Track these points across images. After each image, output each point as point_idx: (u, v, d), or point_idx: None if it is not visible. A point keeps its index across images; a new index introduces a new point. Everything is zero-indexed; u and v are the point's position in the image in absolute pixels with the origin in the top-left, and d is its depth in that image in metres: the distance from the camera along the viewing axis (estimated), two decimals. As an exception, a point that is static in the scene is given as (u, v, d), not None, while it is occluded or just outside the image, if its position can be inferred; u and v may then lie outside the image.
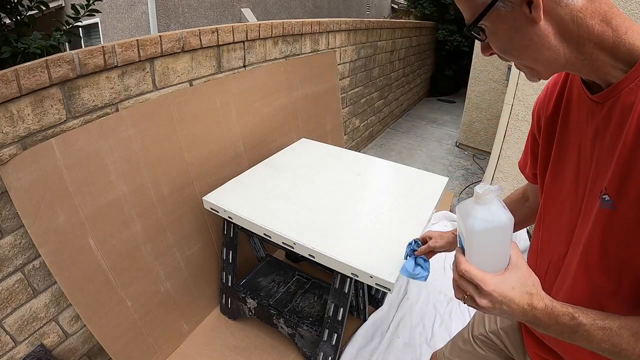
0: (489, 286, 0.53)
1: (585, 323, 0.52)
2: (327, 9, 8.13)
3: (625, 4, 1.67)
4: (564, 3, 0.49)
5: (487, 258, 0.56)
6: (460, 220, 0.58)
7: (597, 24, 0.50)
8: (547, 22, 0.50)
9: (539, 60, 0.54)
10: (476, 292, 0.55)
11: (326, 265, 1.30)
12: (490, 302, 0.54)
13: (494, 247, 0.56)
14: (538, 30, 0.51)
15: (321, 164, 1.87)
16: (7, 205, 1.13)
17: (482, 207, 0.54)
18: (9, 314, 1.20)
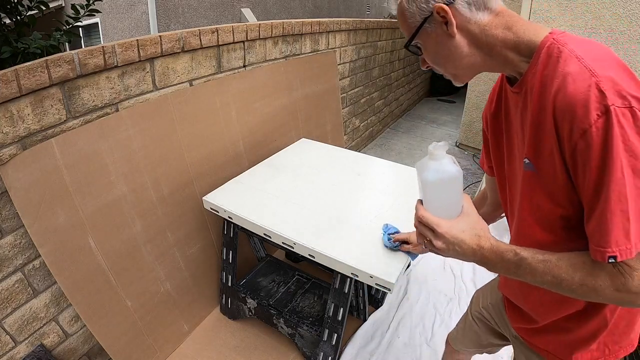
0: (442, 229, 0.64)
1: (526, 257, 0.60)
2: (327, 9, 8.13)
3: (625, 4, 1.67)
4: (473, 20, 0.63)
5: (440, 206, 0.66)
6: (418, 175, 0.67)
7: (501, 32, 0.63)
8: (461, 36, 0.64)
9: (459, 66, 0.68)
10: (432, 235, 0.65)
11: (326, 265, 1.30)
12: (444, 244, 0.64)
13: (445, 196, 0.66)
14: (455, 43, 0.65)
15: (321, 164, 1.87)
16: (7, 205, 1.13)
17: (435, 162, 0.64)
18: (9, 314, 1.20)
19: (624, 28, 1.70)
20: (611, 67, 0.54)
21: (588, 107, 0.51)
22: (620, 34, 1.71)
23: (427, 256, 2.32)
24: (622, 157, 0.50)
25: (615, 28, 1.72)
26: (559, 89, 0.54)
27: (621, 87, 0.51)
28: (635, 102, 0.51)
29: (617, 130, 0.50)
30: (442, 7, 0.62)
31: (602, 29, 1.75)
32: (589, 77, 0.52)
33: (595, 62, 0.53)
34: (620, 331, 0.73)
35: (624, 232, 0.51)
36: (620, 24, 1.70)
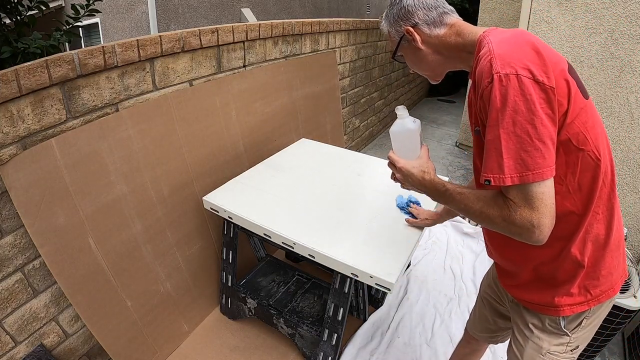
0: (399, 164, 0.94)
1: (449, 189, 0.83)
2: (327, 9, 8.12)
3: (625, 4, 1.67)
4: (433, 35, 0.87)
5: (402, 150, 0.96)
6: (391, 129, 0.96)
7: (453, 39, 0.86)
8: (426, 47, 0.89)
9: (429, 69, 0.93)
10: (394, 169, 0.96)
11: (326, 265, 1.30)
12: (401, 175, 0.94)
13: (405, 143, 0.95)
14: (423, 52, 0.90)
15: (321, 164, 1.87)
16: (7, 205, 1.13)
17: (399, 120, 0.95)
18: (9, 314, 1.20)
19: (624, 28, 1.70)
20: (510, 46, 0.70)
21: (484, 76, 0.69)
22: (620, 34, 1.71)
23: (427, 256, 2.32)
24: (498, 110, 0.67)
25: (615, 28, 1.72)
26: (477, 66, 0.74)
27: (511, 60, 0.67)
28: (523, 71, 0.66)
29: (497, 92, 0.66)
30: (408, 29, 0.88)
31: (602, 29, 1.75)
32: (487, 56, 0.70)
33: (499, 44, 0.71)
34: (600, 275, 0.82)
35: (498, 165, 0.67)
36: (620, 24, 1.70)
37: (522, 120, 0.65)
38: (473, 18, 5.47)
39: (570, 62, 0.76)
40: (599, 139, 0.74)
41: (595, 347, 1.69)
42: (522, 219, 0.67)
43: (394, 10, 0.90)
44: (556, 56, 0.72)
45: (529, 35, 0.74)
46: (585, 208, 0.76)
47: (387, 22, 0.93)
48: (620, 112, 1.82)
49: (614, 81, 1.79)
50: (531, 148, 0.65)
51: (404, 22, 0.88)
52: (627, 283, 1.63)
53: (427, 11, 0.87)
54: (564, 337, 0.88)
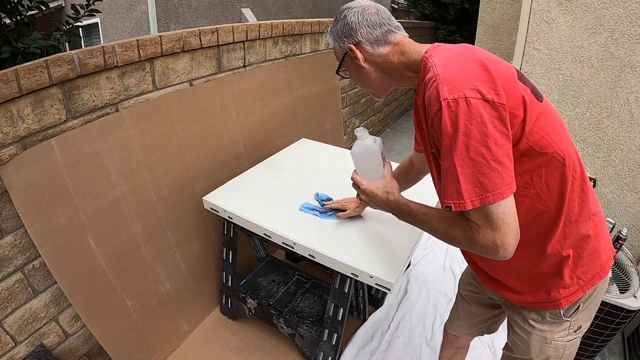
0: (363, 186, 0.97)
1: (414, 209, 0.85)
2: (327, 9, 8.12)
3: (625, 4, 1.67)
4: (376, 53, 0.86)
5: (364, 171, 0.98)
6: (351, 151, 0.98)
7: (397, 58, 0.85)
8: (369, 65, 0.88)
9: (373, 86, 0.93)
10: (359, 190, 0.98)
11: (326, 265, 1.30)
12: (366, 197, 0.97)
13: (367, 164, 0.97)
14: (366, 70, 0.89)
15: (321, 164, 1.87)
16: (7, 205, 1.13)
17: (359, 141, 0.96)
18: (9, 314, 1.20)
19: (624, 28, 1.70)
20: (455, 67, 0.69)
21: (432, 103, 0.68)
22: (620, 34, 1.71)
23: (427, 256, 2.32)
24: (450, 136, 0.66)
25: (615, 28, 1.72)
26: (424, 93, 0.72)
27: (458, 83, 0.66)
28: (471, 92, 0.65)
29: (446, 119, 0.66)
30: (351, 47, 0.87)
31: (602, 29, 1.74)
32: (434, 81, 0.69)
33: (444, 66, 0.70)
34: (586, 261, 0.83)
35: (457, 191, 0.67)
36: (620, 24, 1.70)
37: (476, 144, 0.64)
38: (473, 18, 5.47)
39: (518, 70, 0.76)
40: (561, 138, 0.74)
41: (595, 347, 1.69)
42: (485, 240, 0.67)
43: (337, 26, 0.89)
44: (504, 67, 0.72)
45: (474, 50, 0.74)
46: (558, 205, 0.77)
47: (332, 37, 0.92)
48: (620, 112, 1.82)
49: (614, 81, 1.79)
50: (488, 170, 0.65)
51: (347, 39, 0.87)
52: (627, 283, 1.63)
53: (370, 29, 0.85)
54: (565, 323, 0.89)
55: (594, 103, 1.87)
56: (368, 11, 0.86)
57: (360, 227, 1.41)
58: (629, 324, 1.76)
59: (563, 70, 1.90)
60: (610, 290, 1.58)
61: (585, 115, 1.91)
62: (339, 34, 0.89)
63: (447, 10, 6.48)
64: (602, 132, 1.89)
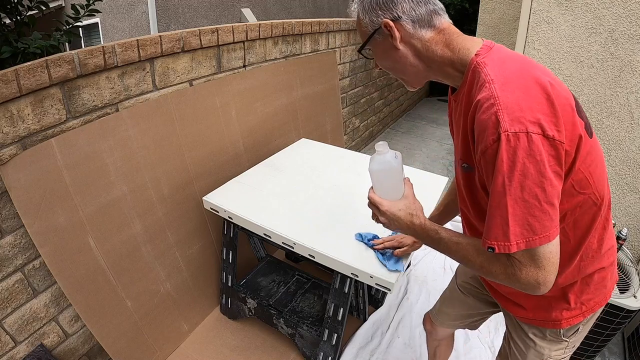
0: (384, 207, 0.83)
1: (444, 237, 0.76)
2: (327, 9, 8.12)
3: (625, 4, 1.67)
4: (417, 36, 0.73)
5: (384, 189, 0.85)
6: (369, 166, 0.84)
7: (440, 49, 0.73)
8: (406, 48, 0.75)
9: (405, 73, 0.79)
10: (378, 212, 0.85)
11: (326, 265, 1.30)
12: (386, 219, 0.84)
13: (387, 182, 0.84)
14: (400, 53, 0.75)
15: (321, 164, 1.87)
16: (7, 205, 1.13)
17: (379, 156, 0.83)
18: (9, 314, 1.20)
19: (624, 28, 1.70)
20: (518, 92, 0.62)
21: (487, 133, 0.61)
22: (620, 34, 1.71)
23: (427, 256, 2.32)
24: (504, 174, 0.60)
25: (615, 28, 1.72)
26: (474, 114, 0.65)
27: (521, 114, 0.59)
28: (533, 127, 0.59)
29: (504, 154, 0.59)
30: (388, 23, 0.73)
31: (602, 29, 1.74)
32: (492, 105, 0.61)
33: (504, 87, 0.62)
34: (593, 289, 0.83)
35: (503, 233, 0.62)
36: (620, 24, 1.70)
37: (531, 184, 0.60)
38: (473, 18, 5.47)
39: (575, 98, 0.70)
40: (601, 178, 0.72)
41: (595, 347, 1.69)
42: (527, 277, 0.64)
43: None
44: (565, 96, 0.65)
45: (535, 68, 0.67)
46: (579, 241, 0.76)
47: (361, 7, 0.76)
48: (620, 112, 1.82)
49: (614, 81, 1.79)
50: (539, 212, 0.60)
51: (384, 12, 0.73)
52: (627, 283, 1.63)
53: (414, 5, 0.72)
54: (563, 343, 0.89)
55: (594, 103, 1.87)
56: None
57: (360, 227, 1.41)
58: (629, 324, 1.76)
59: (563, 70, 1.90)
60: (610, 290, 1.58)
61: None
62: (372, 4, 0.74)
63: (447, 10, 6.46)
64: (602, 132, 1.89)
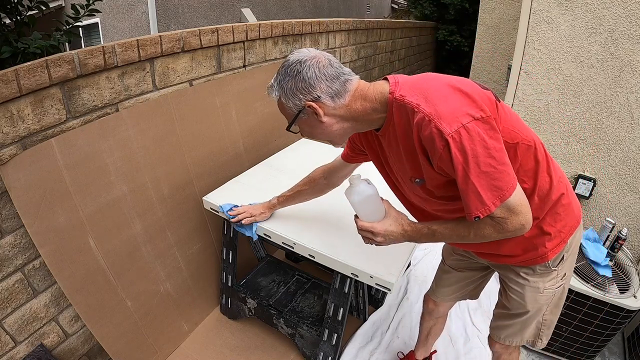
0: (377, 229, 0.93)
1: (436, 228, 0.87)
2: (327, 9, 8.12)
3: (625, 4, 1.67)
4: (337, 106, 0.85)
5: (368, 214, 0.95)
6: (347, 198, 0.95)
7: (360, 105, 0.85)
8: (330, 118, 0.86)
9: (331, 136, 0.91)
10: (372, 235, 0.94)
11: (326, 265, 1.30)
12: (382, 238, 0.93)
13: (370, 207, 0.95)
14: (325, 124, 0.87)
15: (321, 164, 1.87)
16: (7, 205, 1.13)
17: (356, 188, 0.93)
18: (9, 314, 1.20)
19: (624, 28, 1.70)
20: (438, 99, 0.74)
21: (435, 142, 0.73)
22: (620, 34, 1.71)
23: (427, 256, 2.32)
24: (462, 163, 0.72)
25: (615, 28, 1.72)
26: (418, 134, 0.76)
27: (451, 114, 0.72)
28: (464, 118, 0.72)
29: (455, 151, 0.72)
30: (311, 105, 0.83)
31: (602, 29, 1.74)
32: (428, 121, 0.73)
33: (427, 102, 0.75)
34: (563, 215, 0.95)
35: (479, 201, 0.74)
36: (620, 24, 1.70)
37: (483, 159, 0.72)
38: (473, 18, 5.47)
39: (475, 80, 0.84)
40: (523, 127, 0.87)
41: (595, 347, 1.69)
42: (513, 225, 0.77)
43: (290, 81, 0.84)
44: (468, 83, 0.79)
45: (438, 78, 0.81)
46: (534, 181, 0.89)
47: (282, 93, 0.86)
48: (620, 112, 1.82)
49: (614, 81, 1.79)
50: (498, 174, 0.73)
51: (304, 95, 0.83)
52: (627, 283, 1.63)
53: (330, 83, 0.83)
54: (553, 272, 1.01)
55: (594, 103, 1.87)
56: (322, 63, 0.83)
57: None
58: (629, 324, 1.76)
59: (563, 70, 1.90)
60: (610, 290, 1.59)
61: (585, 115, 1.91)
62: (292, 90, 0.84)
63: (447, 10, 6.48)
64: (602, 132, 1.89)
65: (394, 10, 11.72)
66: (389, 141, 0.89)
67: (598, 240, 1.75)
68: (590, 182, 1.96)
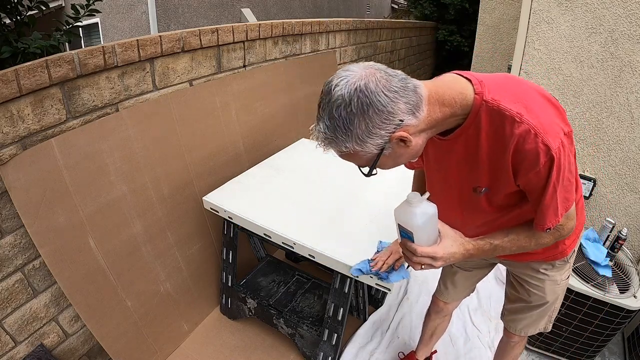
0: (439, 254, 0.81)
1: (498, 244, 0.85)
2: (327, 9, 8.13)
3: (625, 4, 1.67)
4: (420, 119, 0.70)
5: (428, 237, 0.82)
6: (402, 220, 0.80)
7: (439, 111, 0.72)
8: (415, 136, 0.72)
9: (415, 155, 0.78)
10: (432, 261, 0.82)
11: (326, 265, 1.30)
12: (443, 262, 0.83)
13: (430, 229, 0.82)
14: (412, 145, 0.72)
15: (321, 164, 1.87)
16: (7, 205, 1.13)
17: (417, 208, 0.78)
18: (9, 314, 1.20)
19: (624, 28, 1.70)
20: (538, 110, 0.70)
21: (539, 157, 0.69)
22: (620, 34, 1.71)
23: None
24: (554, 177, 0.71)
25: (615, 28, 1.71)
26: (516, 146, 0.71)
27: (550, 129, 0.69)
28: (560, 133, 0.70)
29: (555, 166, 0.70)
30: (400, 135, 0.68)
31: (602, 29, 1.74)
32: (535, 135, 0.68)
33: (529, 114, 0.69)
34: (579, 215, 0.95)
35: (554, 214, 0.77)
36: (620, 24, 1.70)
37: (567, 174, 0.74)
38: (473, 18, 5.47)
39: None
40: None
41: (595, 347, 1.69)
42: (567, 231, 0.83)
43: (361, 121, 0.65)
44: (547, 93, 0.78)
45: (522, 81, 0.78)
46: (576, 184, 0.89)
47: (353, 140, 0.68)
48: (620, 112, 1.82)
49: (614, 81, 1.79)
50: (570, 187, 0.76)
51: (387, 127, 0.67)
52: (627, 283, 1.63)
53: (406, 98, 0.67)
54: (567, 265, 1.07)
55: (594, 103, 1.87)
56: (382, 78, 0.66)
57: (360, 227, 1.41)
58: (629, 324, 1.76)
59: (563, 70, 1.90)
60: (610, 290, 1.58)
61: (585, 115, 1.91)
62: (369, 129, 0.66)
63: (447, 10, 6.48)
64: (602, 132, 1.89)
65: (394, 10, 11.72)
66: (460, 146, 0.79)
67: (598, 240, 1.75)
68: (590, 182, 1.96)
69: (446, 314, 1.45)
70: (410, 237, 0.81)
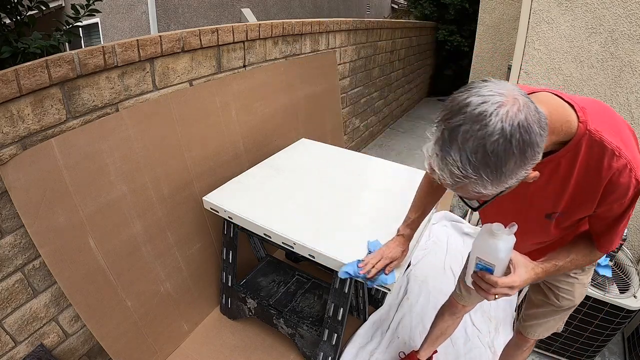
0: (516, 283, 0.81)
1: (562, 265, 0.90)
2: (327, 9, 8.13)
3: (625, 4, 1.67)
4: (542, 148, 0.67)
5: (502, 267, 0.82)
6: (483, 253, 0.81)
7: (548, 139, 0.65)
8: None
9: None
10: (510, 290, 0.82)
11: (326, 265, 1.30)
12: (518, 289, 0.84)
13: (507, 259, 0.82)
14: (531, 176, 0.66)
15: (321, 164, 1.87)
16: (7, 205, 1.13)
17: (503, 242, 0.77)
18: (9, 314, 1.20)
19: (624, 28, 1.70)
20: (630, 146, 0.74)
21: (629, 190, 0.74)
22: (620, 34, 1.71)
23: (427, 256, 2.32)
24: (632, 209, 0.78)
25: (615, 28, 1.72)
26: (611, 178, 0.74)
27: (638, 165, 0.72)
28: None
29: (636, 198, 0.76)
30: (535, 175, 0.65)
31: (602, 29, 1.74)
32: (630, 170, 0.72)
33: (626, 148, 0.72)
34: None
35: (619, 239, 0.85)
36: (620, 24, 1.70)
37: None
38: (473, 18, 5.47)
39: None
40: None
41: (595, 347, 1.69)
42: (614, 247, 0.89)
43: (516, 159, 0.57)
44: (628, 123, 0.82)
45: (614, 114, 0.80)
46: None
47: (499, 181, 0.59)
48: (620, 112, 1.82)
49: (614, 81, 1.79)
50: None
51: (533, 162, 0.60)
52: (627, 283, 1.63)
53: (541, 122, 0.59)
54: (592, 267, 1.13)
55: (594, 103, 1.87)
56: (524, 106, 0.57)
57: (360, 227, 1.41)
58: (629, 324, 1.76)
59: (563, 70, 1.90)
60: (610, 290, 1.59)
61: (585, 115, 1.91)
62: (518, 166, 0.58)
63: (447, 10, 6.47)
64: (602, 132, 1.89)
65: (394, 10, 11.72)
66: (547, 171, 0.77)
67: (598, 240, 1.75)
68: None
69: (459, 317, 1.46)
70: (490, 270, 0.80)
